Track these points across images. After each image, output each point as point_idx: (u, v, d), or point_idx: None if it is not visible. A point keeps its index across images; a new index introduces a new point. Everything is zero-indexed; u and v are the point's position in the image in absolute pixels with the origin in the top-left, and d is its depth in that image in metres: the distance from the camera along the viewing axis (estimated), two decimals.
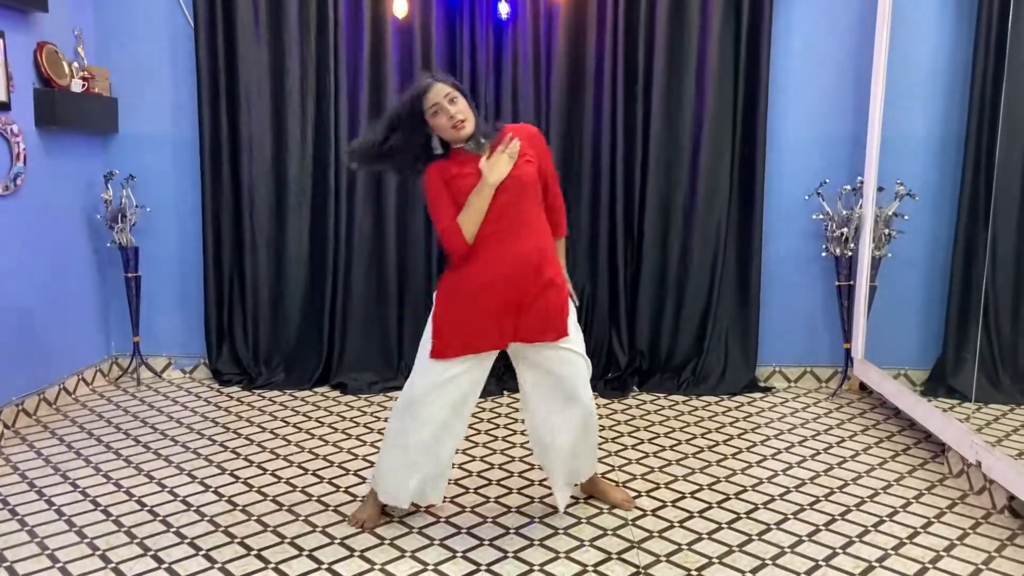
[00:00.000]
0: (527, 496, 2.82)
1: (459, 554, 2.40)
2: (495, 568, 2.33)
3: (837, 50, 3.98)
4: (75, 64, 3.79)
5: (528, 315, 2.42)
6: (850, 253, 3.91)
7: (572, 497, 2.74)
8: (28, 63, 3.53)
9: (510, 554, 2.41)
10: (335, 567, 2.33)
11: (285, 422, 3.56)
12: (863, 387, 3.99)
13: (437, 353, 2.42)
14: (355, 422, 3.57)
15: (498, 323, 2.41)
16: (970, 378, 3.55)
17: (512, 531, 2.56)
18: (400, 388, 4.00)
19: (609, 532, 2.55)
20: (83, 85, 3.79)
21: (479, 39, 3.91)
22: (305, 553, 2.41)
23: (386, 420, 3.59)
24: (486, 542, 2.48)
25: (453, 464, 2.95)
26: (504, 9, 3.83)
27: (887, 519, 2.65)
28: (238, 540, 2.48)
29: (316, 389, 4.04)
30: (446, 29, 3.95)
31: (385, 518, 2.62)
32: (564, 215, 2.67)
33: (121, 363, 4.24)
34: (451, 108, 2.34)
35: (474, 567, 2.33)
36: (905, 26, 3.75)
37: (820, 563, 2.37)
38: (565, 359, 2.48)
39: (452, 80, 2.41)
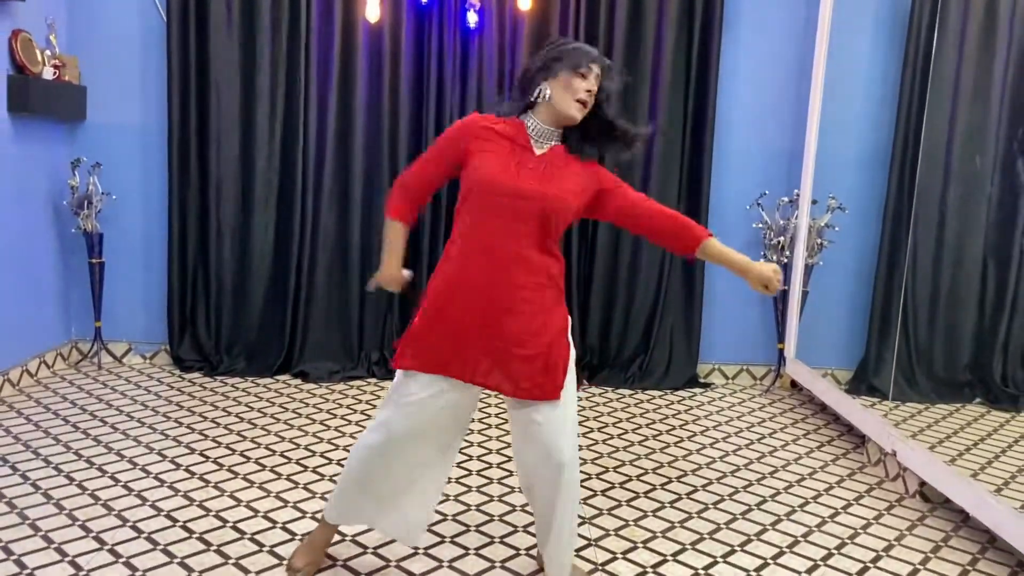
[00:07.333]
0: None
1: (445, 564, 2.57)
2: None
3: (779, 72, 4.29)
4: (47, 52, 3.85)
5: None
6: (785, 260, 4.22)
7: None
8: (3, 50, 3.58)
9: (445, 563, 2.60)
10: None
11: (249, 407, 3.68)
12: (794, 384, 4.30)
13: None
14: (318, 408, 3.72)
15: None
16: (889, 378, 3.88)
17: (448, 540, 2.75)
18: (361, 377, 4.20)
19: None
20: (54, 73, 3.84)
21: (447, 47, 4.09)
22: (266, 548, 2.46)
23: (356, 416, 3.73)
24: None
25: None
26: (472, 18, 4.02)
27: (812, 501, 2.93)
28: (196, 536, 2.48)
29: (277, 377, 4.17)
30: (415, 35, 4.12)
31: None
32: None
33: (81, 348, 4.30)
34: (594, 83, 2.08)
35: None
36: (842, 53, 4.07)
37: (751, 537, 2.63)
38: None
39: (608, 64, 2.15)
